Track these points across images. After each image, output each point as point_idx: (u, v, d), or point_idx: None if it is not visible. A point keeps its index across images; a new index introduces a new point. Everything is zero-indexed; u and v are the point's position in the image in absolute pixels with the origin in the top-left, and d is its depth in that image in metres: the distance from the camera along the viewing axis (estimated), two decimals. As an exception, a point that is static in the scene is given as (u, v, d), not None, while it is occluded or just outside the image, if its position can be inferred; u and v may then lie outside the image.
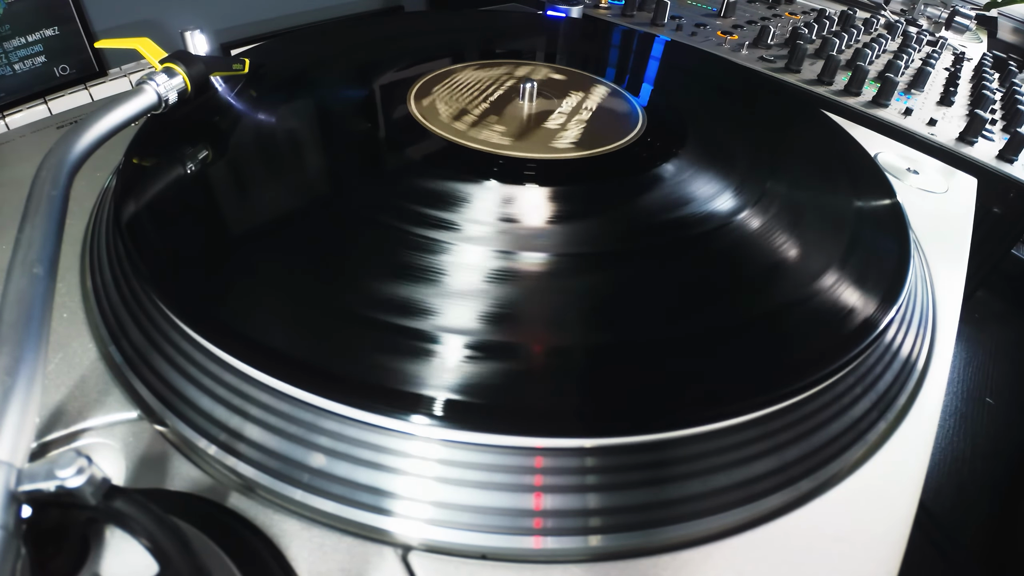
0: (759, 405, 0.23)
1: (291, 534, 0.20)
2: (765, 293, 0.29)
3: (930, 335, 0.32)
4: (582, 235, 0.31)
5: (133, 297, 0.26)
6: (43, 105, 0.49)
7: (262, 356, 0.22)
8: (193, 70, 0.35)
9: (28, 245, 0.19)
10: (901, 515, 0.23)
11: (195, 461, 0.22)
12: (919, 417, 0.27)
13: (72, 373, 0.24)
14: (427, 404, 0.21)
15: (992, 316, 0.65)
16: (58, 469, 0.14)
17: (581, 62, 0.51)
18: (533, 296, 0.27)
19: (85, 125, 0.27)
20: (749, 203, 0.34)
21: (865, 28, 0.76)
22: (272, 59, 0.45)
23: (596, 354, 0.24)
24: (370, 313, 0.24)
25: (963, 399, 0.54)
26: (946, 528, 0.44)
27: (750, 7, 0.82)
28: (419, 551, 0.20)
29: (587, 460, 0.21)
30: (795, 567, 0.21)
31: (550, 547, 0.20)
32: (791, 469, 0.23)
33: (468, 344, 0.23)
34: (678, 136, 0.40)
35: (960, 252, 0.38)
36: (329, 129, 0.39)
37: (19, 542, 0.13)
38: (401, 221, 0.29)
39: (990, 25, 0.93)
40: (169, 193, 0.31)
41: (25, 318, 0.17)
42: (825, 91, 0.58)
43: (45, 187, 0.22)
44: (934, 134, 0.52)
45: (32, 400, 0.15)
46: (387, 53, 0.50)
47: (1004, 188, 0.48)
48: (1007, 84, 0.66)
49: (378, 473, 0.21)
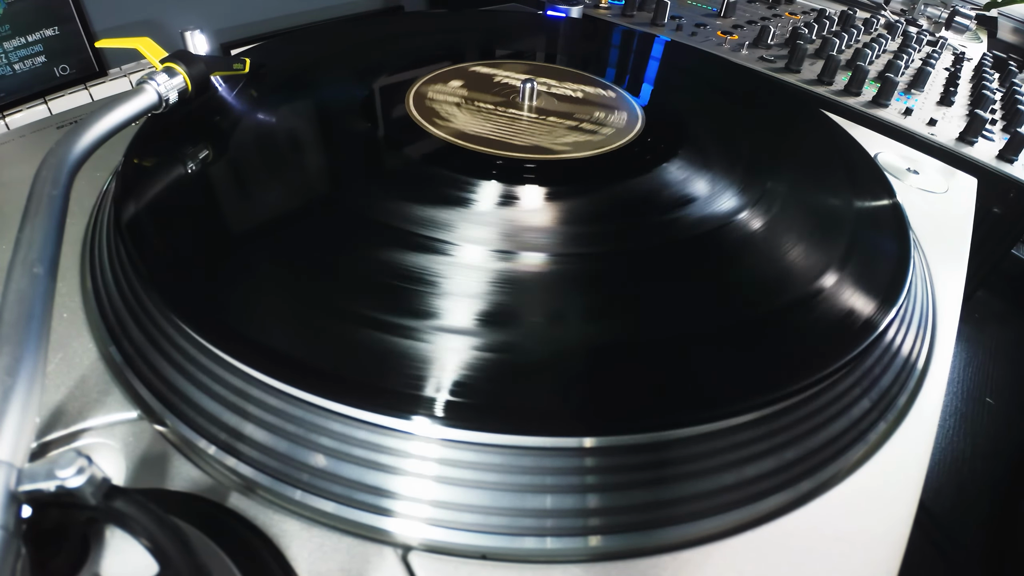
0: (759, 405, 0.23)
1: (291, 534, 0.20)
2: (765, 293, 0.29)
3: (930, 335, 0.32)
4: (581, 235, 0.31)
5: (133, 297, 0.26)
6: (43, 105, 0.49)
7: (262, 356, 0.22)
8: (194, 70, 0.35)
9: (29, 245, 0.19)
10: (901, 515, 0.23)
11: (195, 461, 0.22)
12: (919, 417, 0.27)
13: (72, 373, 0.24)
14: (427, 404, 0.21)
15: (992, 316, 0.65)
16: (58, 469, 0.14)
17: (581, 62, 0.51)
18: (533, 296, 0.27)
19: (86, 125, 0.27)
20: (749, 203, 0.34)
21: (865, 28, 0.76)
22: (272, 59, 0.45)
23: (596, 354, 0.24)
24: (370, 313, 0.24)
25: (963, 399, 0.54)
26: (946, 528, 0.44)
27: (750, 7, 0.82)
28: (419, 551, 0.20)
29: (587, 460, 0.21)
30: (795, 567, 0.21)
31: (550, 547, 0.20)
32: (791, 469, 0.23)
33: (468, 344, 0.23)
34: (678, 136, 0.40)
35: (960, 252, 0.38)
36: (329, 129, 0.39)
37: (19, 542, 0.13)
38: (400, 221, 0.29)
39: (990, 25, 0.93)
40: (169, 193, 0.31)
41: (26, 318, 0.17)
42: (825, 91, 0.58)
43: (46, 187, 0.22)
44: (934, 134, 0.52)
45: (33, 400, 0.15)
46: (387, 53, 0.50)
47: (1004, 188, 0.48)
48: (1007, 84, 0.66)
49: (378, 473, 0.21)
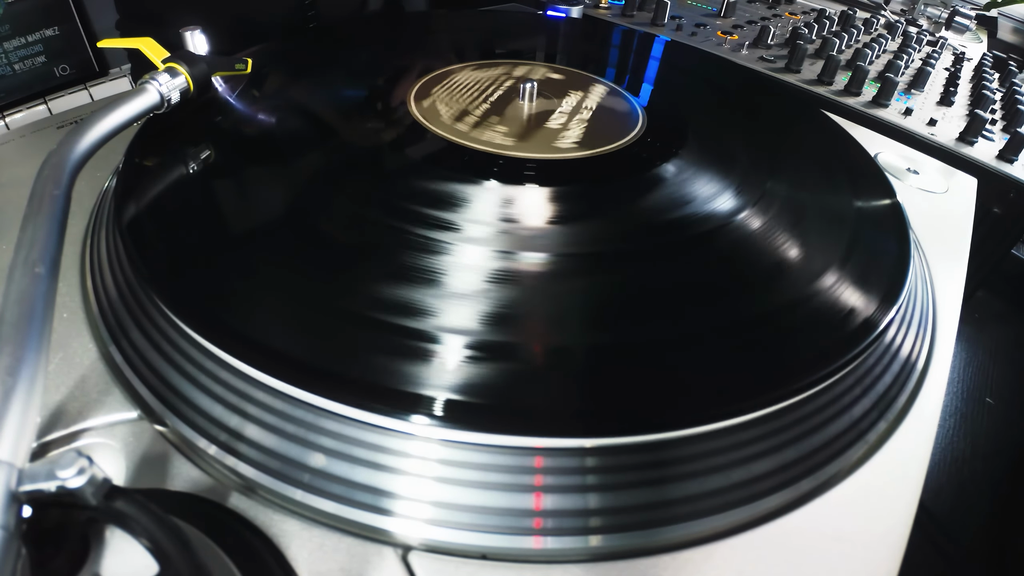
0: (759, 405, 0.23)
1: (291, 534, 0.20)
2: (765, 293, 0.29)
3: (930, 335, 0.32)
4: (582, 235, 0.31)
5: (133, 297, 0.26)
6: (43, 105, 0.49)
7: (262, 356, 0.22)
8: (196, 70, 0.35)
9: (30, 245, 0.19)
10: (901, 515, 0.23)
11: (195, 461, 0.22)
12: (919, 417, 0.27)
13: (72, 373, 0.24)
14: (427, 404, 0.21)
15: (992, 316, 0.65)
16: (59, 469, 0.14)
17: (581, 62, 0.51)
18: (533, 296, 0.27)
19: (88, 125, 0.27)
20: (749, 203, 0.34)
21: (865, 28, 0.76)
22: (273, 59, 0.45)
23: (596, 354, 0.24)
24: (370, 313, 0.24)
25: (963, 399, 0.54)
26: (946, 528, 0.44)
27: (750, 7, 0.82)
28: (419, 551, 0.20)
29: (587, 460, 0.21)
30: (795, 567, 0.21)
31: (550, 547, 0.20)
32: (791, 469, 0.23)
33: (468, 344, 0.23)
34: (678, 136, 0.40)
35: (960, 252, 0.38)
36: (330, 130, 0.39)
37: (19, 542, 0.13)
38: (401, 221, 0.29)
39: (990, 25, 0.93)
40: (170, 193, 0.31)
41: (27, 318, 0.17)
42: (825, 91, 0.58)
43: (47, 186, 0.22)
44: (934, 134, 0.52)
45: (33, 400, 0.15)
46: (387, 53, 0.50)
47: (1004, 188, 0.48)
48: (1007, 84, 0.66)
49: (378, 473, 0.21)
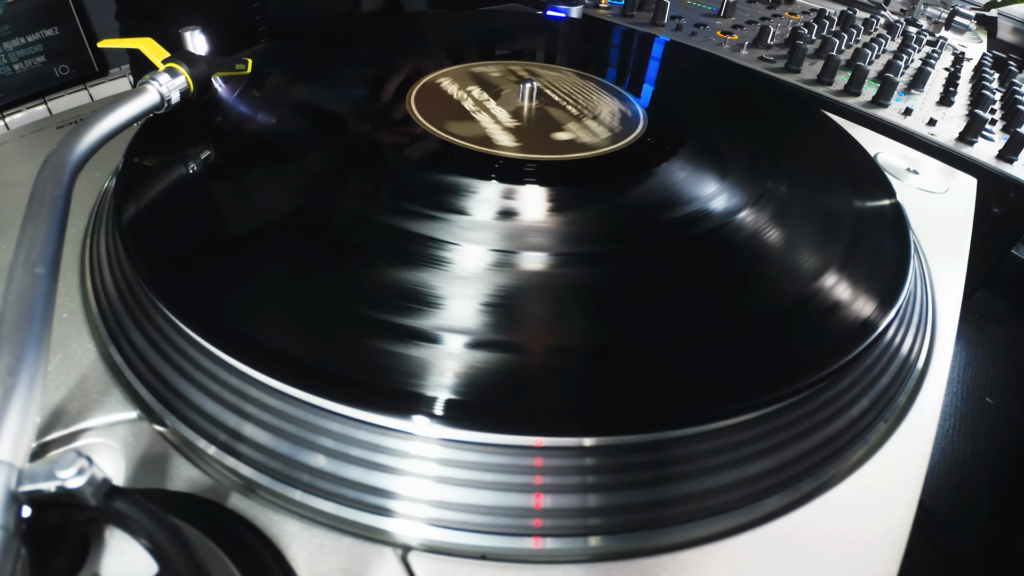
0: (759, 405, 0.23)
1: (291, 534, 0.20)
2: (765, 293, 0.29)
3: (930, 335, 0.32)
4: (582, 235, 0.31)
5: (133, 297, 0.26)
6: (43, 105, 0.49)
7: (262, 356, 0.22)
8: (196, 70, 0.35)
9: (30, 245, 0.19)
10: (901, 515, 0.23)
11: (195, 461, 0.22)
12: (919, 417, 0.27)
13: (72, 373, 0.24)
14: (427, 404, 0.21)
15: (992, 316, 0.65)
16: (58, 469, 0.14)
17: (581, 62, 0.51)
18: (533, 295, 0.27)
19: (88, 125, 0.27)
20: (749, 203, 0.34)
21: (865, 28, 0.76)
22: (273, 59, 0.45)
23: (596, 353, 0.24)
24: (370, 313, 0.24)
25: (963, 399, 0.54)
26: (946, 528, 0.44)
27: (750, 7, 0.82)
28: (419, 551, 0.20)
29: (586, 460, 0.21)
30: (795, 567, 0.21)
31: (550, 547, 0.20)
32: (791, 469, 0.23)
33: (468, 343, 0.23)
34: (678, 136, 0.40)
35: (960, 252, 0.38)
36: (330, 129, 0.39)
37: (19, 542, 0.13)
38: (401, 221, 0.29)
39: (990, 25, 0.93)
40: (169, 193, 0.31)
41: (27, 318, 0.17)
42: (825, 91, 0.58)
43: (47, 187, 0.22)
44: (934, 134, 0.52)
45: (33, 400, 0.15)
46: (387, 53, 0.50)
47: (1004, 188, 0.48)
48: (1007, 84, 0.66)
49: (378, 473, 0.21)
